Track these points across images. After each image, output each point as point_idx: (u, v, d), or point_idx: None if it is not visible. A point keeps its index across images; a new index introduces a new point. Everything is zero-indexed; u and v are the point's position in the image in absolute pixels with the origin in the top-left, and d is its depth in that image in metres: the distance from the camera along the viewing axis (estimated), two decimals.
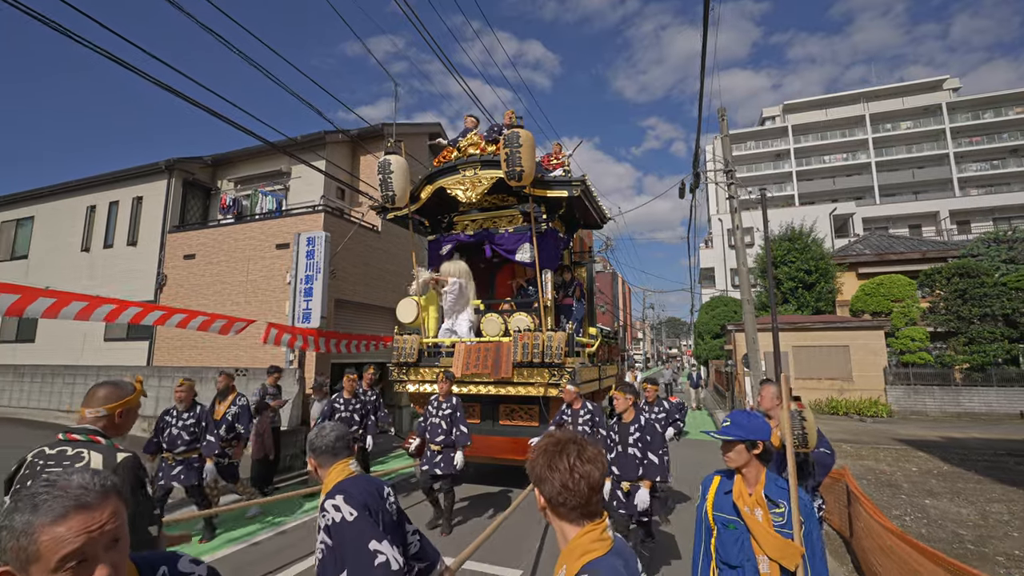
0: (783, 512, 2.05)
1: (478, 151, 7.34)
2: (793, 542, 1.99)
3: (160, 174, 11.71)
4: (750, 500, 2.09)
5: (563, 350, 6.36)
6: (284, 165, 11.68)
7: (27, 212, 14.02)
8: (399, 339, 7.31)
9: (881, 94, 49.50)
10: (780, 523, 2.04)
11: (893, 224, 34.73)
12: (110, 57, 5.12)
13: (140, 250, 11.81)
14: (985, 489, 7.04)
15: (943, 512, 5.99)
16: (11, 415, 11.52)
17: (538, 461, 1.29)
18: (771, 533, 2.02)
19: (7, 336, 13.53)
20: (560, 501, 1.23)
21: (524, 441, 6.46)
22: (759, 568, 2.04)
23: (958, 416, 15.20)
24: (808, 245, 20.68)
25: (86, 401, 2.18)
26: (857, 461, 8.97)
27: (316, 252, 9.26)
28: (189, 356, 10.76)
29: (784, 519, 2.05)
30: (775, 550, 2.00)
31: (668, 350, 76.26)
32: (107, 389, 2.21)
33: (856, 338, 16.36)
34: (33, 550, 0.86)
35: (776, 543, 2.00)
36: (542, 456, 1.28)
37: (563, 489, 1.22)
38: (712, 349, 27.88)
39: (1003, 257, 17.47)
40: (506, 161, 6.45)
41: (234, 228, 10.75)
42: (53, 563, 0.86)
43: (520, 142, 6.37)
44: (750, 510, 2.08)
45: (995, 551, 4.78)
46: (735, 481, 2.15)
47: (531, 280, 8.04)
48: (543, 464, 1.27)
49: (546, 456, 1.27)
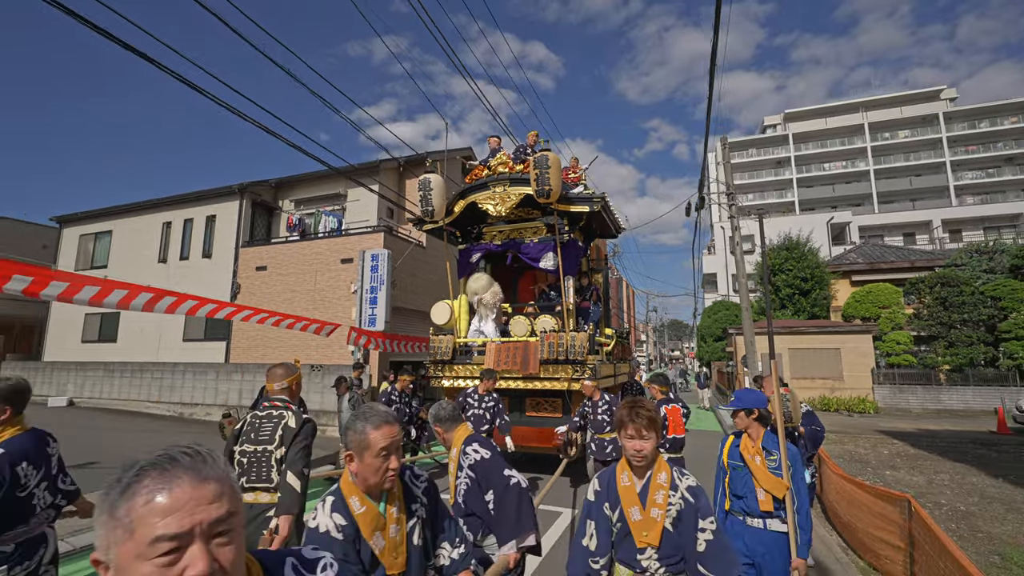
0: (776, 459, 2.82)
1: (507, 169, 8.08)
2: (781, 479, 2.74)
3: (233, 196, 13.41)
4: (752, 450, 2.90)
5: (585, 348, 7.02)
6: (342, 188, 13.37)
7: (106, 227, 15.74)
8: (435, 339, 8.00)
9: (880, 103, 50.90)
10: (773, 466, 2.81)
11: (888, 232, 36.20)
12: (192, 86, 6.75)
13: (215, 262, 13.50)
14: (938, 465, 8.64)
15: (898, 479, 7.60)
16: (104, 405, 13.22)
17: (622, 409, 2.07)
18: (766, 473, 2.80)
19: (91, 336, 15.25)
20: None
21: (549, 431, 6.87)
22: (758, 497, 2.82)
23: (938, 412, 16.76)
24: (804, 254, 22.26)
25: (270, 379, 3.23)
26: (839, 446, 10.55)
27: (380, 267, 10.92)
28: (261, 354, 12.43)
29: (776, 463, 2.80)
30: (768, 484, 2.78)
31: (671, 352, 77.56)
32: (283, 368, 3.24)
33: (847, 341, 17.94)
34: (366, 441, 1.51)
35: (769, 480, 2.78)
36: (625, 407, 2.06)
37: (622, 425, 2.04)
38: (714, 351, 29.42)
39: (984, 267, 19.03)
40: (536, 180, 7.10)
41: (301, 244, 12.43)
42: (376, 450, 1.53)
43: (549, 164, 7.08)
44: (752, 457, 2.89)
45: (929, 501, 6.39)
46: (742, 438, 2.99)
47: (552, 285, 8.90)
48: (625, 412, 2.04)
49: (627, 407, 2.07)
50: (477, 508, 2.57)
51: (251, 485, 3.04)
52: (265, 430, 3.09)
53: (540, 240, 8.25)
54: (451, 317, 8.17)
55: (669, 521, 1.95)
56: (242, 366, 12.03)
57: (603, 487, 2.12)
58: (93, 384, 13.92)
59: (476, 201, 8.22)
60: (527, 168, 7.74)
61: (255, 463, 3.07)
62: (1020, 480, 7.50)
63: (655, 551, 1.94)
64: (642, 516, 1.98)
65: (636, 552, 1.97)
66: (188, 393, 12.24)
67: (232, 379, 11.72)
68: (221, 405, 11.70)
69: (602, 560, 2.02)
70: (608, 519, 2.06)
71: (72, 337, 15.43)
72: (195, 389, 12.17)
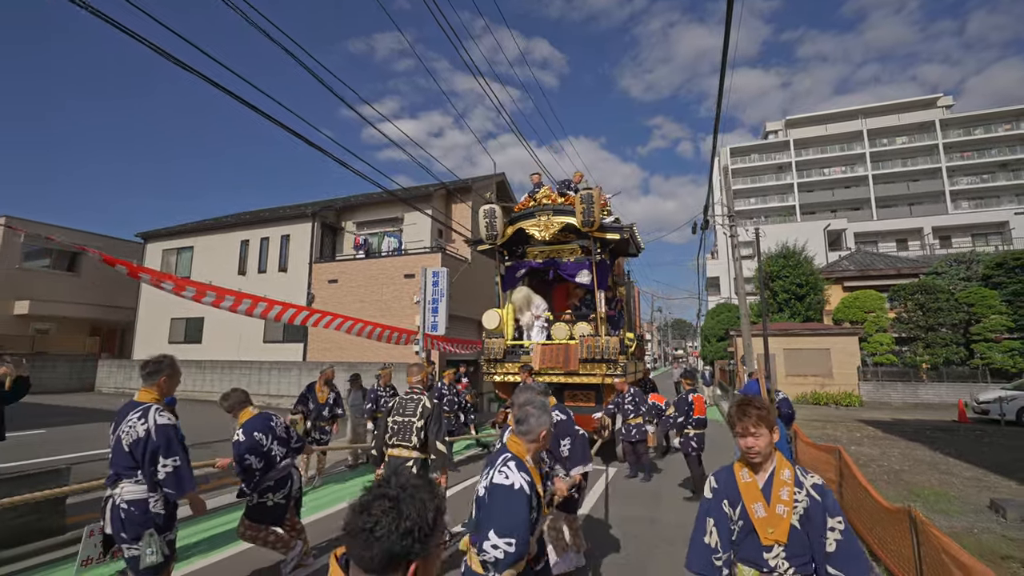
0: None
1: (550, 201, 9.36)
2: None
3: (306, 218, 15.72)
4: None
5: (616, 350, 8.26)
6: (399, 212, 15.65)
7: (187, 243, 18.11)
8: (488, 341, 9.22)
9: (878, 111, 52.76)
10: None
11: (882, 239, 38.26)
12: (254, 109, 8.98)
13: (290, 275, 15.82)
14: (896, 443, 10.87)
15: (859, 452, 9.84)
16: (196, 397, 15.57)
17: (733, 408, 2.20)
18: None
19: (177, 338, 17.62)
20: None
21: (585, 417, 7.73)
22: None
23: (915, 406, 18.94)
24: (800, 262, 24.41)
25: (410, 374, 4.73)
26: (821, 431, 12.77)
27: (440, 282, 13.19)
28: (335, 355, 14.75)
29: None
30: None
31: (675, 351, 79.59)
32: (417, 367, 4.88)
33: (836, 343, 20.13)
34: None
35: None
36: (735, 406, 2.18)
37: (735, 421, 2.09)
38: (717, 351, 31.60)
39: (962, 276, 21.16)
40: (583, 213, 8.51)
41: (368, 261, 14.74)
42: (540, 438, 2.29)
43: (593, 201, 8.51)
44: None
45: (874, 463, 8.62)
46: None
47: (582, 297, 10.16)
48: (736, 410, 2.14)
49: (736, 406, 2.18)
50: (554, 449, 3.92)
51: (399, 443, 4.31)
52: (409, 408, 4.39)
53: (576, 259, 9.52)
54: (500, 323, 9.41)
55: (796, 518, 1.91)
56: (320, 364, 14.32)
57: (720, 484, 2.12)
58: (186, 379, 16.24)
59: (523, 227, 9.45)
60: (568, 200, 9.17)
61: (401, 429, 4.34)
62: (952, 453, 9.73)
63: (783, 549, 1.90)
64: (767, 513, 1.95)
65: (762, 550, 1.93)
66: (275, 387, 14.57)
67: (313, 375, 13.98)
68: None
69: (724, 556, 1.99)
70: (727, 516, 2.04)
71: (159, 339, 17.78)
72: (280, 384, 14.48)
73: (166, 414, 3.03)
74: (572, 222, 8.83)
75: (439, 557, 1.10)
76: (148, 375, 3.11)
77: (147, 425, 2.90)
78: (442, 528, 1.08)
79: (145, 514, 2.90)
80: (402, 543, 1.00)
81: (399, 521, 1.01)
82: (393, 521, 1.00)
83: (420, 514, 1.03)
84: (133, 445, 2.88)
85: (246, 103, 5.44)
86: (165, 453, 2.93)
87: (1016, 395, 14.04)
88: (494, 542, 2.02)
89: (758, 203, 53.37)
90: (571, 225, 8.89)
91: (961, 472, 8.18)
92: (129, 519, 2.87)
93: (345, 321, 10.94)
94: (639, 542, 5.16)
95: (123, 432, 2.90)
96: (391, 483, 1.06)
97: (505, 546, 2.00)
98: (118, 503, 2.90)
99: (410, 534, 1.00)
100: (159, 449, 2.91)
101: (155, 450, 2.90)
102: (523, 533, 2.05)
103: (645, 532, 5.46)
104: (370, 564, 1.00)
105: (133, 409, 2.97)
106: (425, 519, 1.03)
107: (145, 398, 3.05)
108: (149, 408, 2.97)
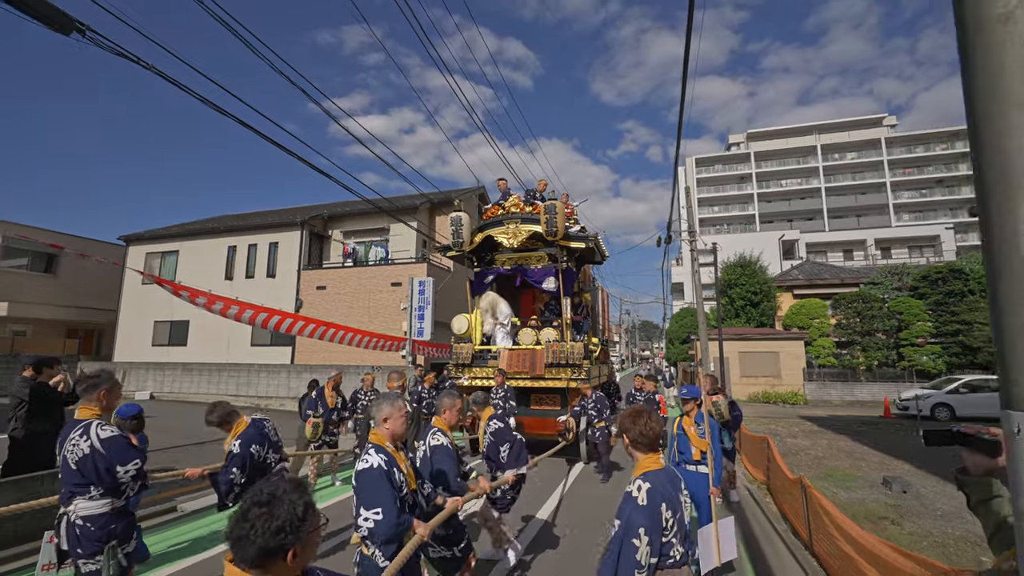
0: (702, 429, 4.43)
1: (518, 210, 9.72)
2: (704, 440, 4.38)
3: (295, 227, 16.43)
4: (687, 423, 4.55)
5: (581, 355, 8.62)
6: (385, 223, 16.54)
7: (173, 247, 18.45)
8: (456, 346, 9.44)
9: (831, 127, 56.33)
10: (700, 433, 4.46)
11: (831, 249, 41.19)
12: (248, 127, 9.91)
13: (278, 281, 16.49)
14: (825, 435, 12.54)
15: (793, 443, 11.41)
16: (184, 399, 16.06)
17: (627, 418, 2.25)
18: (696, 437, 4.45)
19: (161, 340, 17.96)
20: (638, 440, 2.19)
21: (550, 420, 8.35)
22: (692, 452, 4.45)
23: (852, 403, 21.06)
24: (755, 271, 26.45)
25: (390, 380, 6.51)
26: (765, 426, 14.39)
27: (426, 291, 14.19)
28: (323, 357, 15.53)
29: (702, 432, 4.44)
30: (697, 444, 4.43)
31: (642, 352, 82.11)
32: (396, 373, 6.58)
33: (784, 346, 22.11)
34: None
35: (698, 441, 4.44)
36: (629, 417, 2.25)
37: (639, 435, 2.17)
38: (680, 353, 33.55)
39: (895, 286, 23.50)
40: (546, 223, 8.83)
41: (357, 269, 15.59)
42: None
43: (556, 211, 8.88)
44: (688, 427, 4.53)
45: (804, 452, 10.16)
46: (682, 417, 4.62)
47: (548, 303, 10.63)
48: (630, 420, 2.23)
49: (631, 416, 2.25)
50: (494, 456, 4.32)
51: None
52: None
53: (543, 266, 9.77)
54: (468, 327, 9.68)
55: None
56: (309, 367, 15.11)
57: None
58: (172, 381, 16.69)
59: (492, 234, 9.76)
60: (536, 210, 9.43)
61: None
62: (869, 443, 11.42)
63: None
64: None
65: None
66: (264, 388, 15.22)
67: (302, 377, 14.77)
68: (292, 398, 14.76)
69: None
70: None
71: (142, 341, 18.07)
72: (269, 385, 15.15)
73: (108, 428, 2.95)
74: (539, 230, 9.16)
75: (316, 539, 1.28)
76: (86, 390, 3.01)
77: (89, 442, 2.84)
78: (313, 516, 1.25)
79: (102, 529, 2.88)
80: (276, 539, 1.16)
81: (271, 522, 1.16)
82: (266, 523, 1.15)
83: (290, 511, 1.19)
84: (80, 463, 2.82)
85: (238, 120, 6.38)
86: (122, 461, 2.91)
87: (931, 393, 16.10)
88: (364, 515, 2.30)
89: (721, 211, 56.15)
90: (538, 233, 9.22)
91: (871, 458, 9.80)
92: (85, 535, 2.84)
93: (338, 331, 11.84)
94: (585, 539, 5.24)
95: (68, 451, 2.84)
96: (262, 491, 1.21)
97: (374, 515, 2.27)
98: (73, 520, 2.85)
99: (282, 530, 1.16)
100: (113, 460, 2.88)
101: (108, 464, 2.87)
102: (388, 503, 2.30)
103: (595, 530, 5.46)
104: (251, 562, 1.16)
105: (75, 427, 2.89)
106: (295, 515, 1.19)
107: (85, 415, 2.97)
108: (90, 424, 2.90)
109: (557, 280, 9.39)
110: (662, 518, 2.06)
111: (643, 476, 2.13)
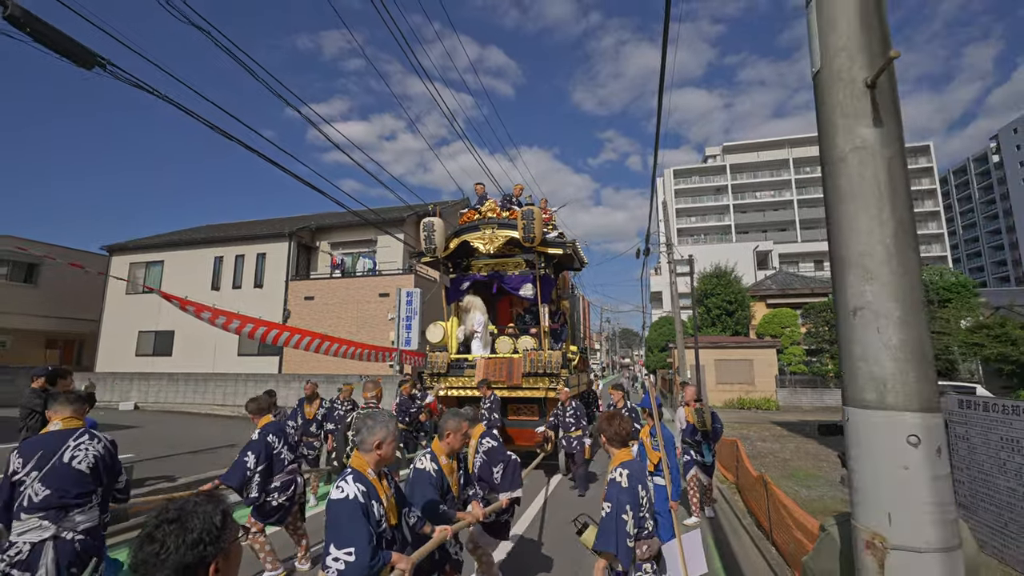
0: (655, 442, 4.79)
1: (495, 214, 9.40)
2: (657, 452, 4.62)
3: (283, 238, 16.66)
4: (644, 434, 5.09)
5: (559, 364, 8.39)
6: (372, 235, 16.89)
7: (158, 257, 18.46)
8: (432, 355, 9.16)
9: (803, 141, 58.54)
10: (655, 445, 4.87)
11: (803, 259, 42.79)
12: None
13: (266, 292, 16.67)
14: (794, 439, 13.28)
15: (763, 446, 12.10)
16: (169, 409, 16.07)
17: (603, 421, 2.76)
18: (650, 449, 4.94)
19: (145, 350, 17.91)
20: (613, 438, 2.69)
21: (528, 431, 8.21)
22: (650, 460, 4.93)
23: (822, 408, 22.01)
24: (730, 281, 27.45)
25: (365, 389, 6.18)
26: (739, 431, 15.09)
27: (413, 301, 14.57)
28: (311, 367, 15.74)
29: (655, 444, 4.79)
30: (653, 455, 4.92)
31: (622, 360, 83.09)
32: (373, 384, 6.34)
33: (758, 354, 23.01)
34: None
35: (651, 453, 4.93)
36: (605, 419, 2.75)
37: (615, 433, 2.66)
38: (659, 360, 34.38)
39: None
40: (523, 229, 8.46)
41: (345, 280, 15.89)
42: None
43: (534, 217, 8.52)
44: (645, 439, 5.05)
45: (771, 455, 10.83)
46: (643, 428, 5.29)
47: (527, 310, 10.47)
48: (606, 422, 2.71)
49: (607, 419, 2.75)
50: (486, 477, 3.91)
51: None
52: None
53: (520, 273, 9.57)
54: (444, 336, 9.44)
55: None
56: (297, 376, 15.30)
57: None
58: (157, 391, 16.65)
59: (468, 240, 9.44)
60: (513, 215, 9.16)
61: None
62: (833, 446, 12.17)
63: None
64: None
65: None
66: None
67: (290, 386, 14.95)
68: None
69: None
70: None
71: (125, 351, 17.98)
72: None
73: None
74: (516, 236, 8.84)
75: (238, 551, 1.21)
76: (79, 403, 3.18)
77: (102, 443, 2.96)
78: (231, 526, 1.18)
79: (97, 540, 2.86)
80: (193, 552, 1.08)
81: (185, 535, 1.08)
82: (179, 537, 1.07)
83: (205, 523, 1.11)
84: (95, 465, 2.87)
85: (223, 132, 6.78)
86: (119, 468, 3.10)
87: None
88: (334, 555, 2.04)
89: (698, 222, 57.76)
90: (515, 239, 8.92)
91: (834, 459, 10.51)
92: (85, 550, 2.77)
93: (331, 344, 12.14)
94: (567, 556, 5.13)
95: (74, 457, 2.81)
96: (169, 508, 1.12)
97: (345, 556, 2.03)
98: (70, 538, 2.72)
99: (200, 543, 1.09)
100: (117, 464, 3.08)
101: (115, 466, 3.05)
102: (362, 543, 2.05)
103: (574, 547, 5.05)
104: None
105: (72, 435, 2.90)
106: (212, 524, 1.12)
107: (76, 424, 3.04)
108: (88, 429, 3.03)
109: (535, 287, 9.22)
110: (639, 496, 2.59)
111: (622, 465, 2.63)
